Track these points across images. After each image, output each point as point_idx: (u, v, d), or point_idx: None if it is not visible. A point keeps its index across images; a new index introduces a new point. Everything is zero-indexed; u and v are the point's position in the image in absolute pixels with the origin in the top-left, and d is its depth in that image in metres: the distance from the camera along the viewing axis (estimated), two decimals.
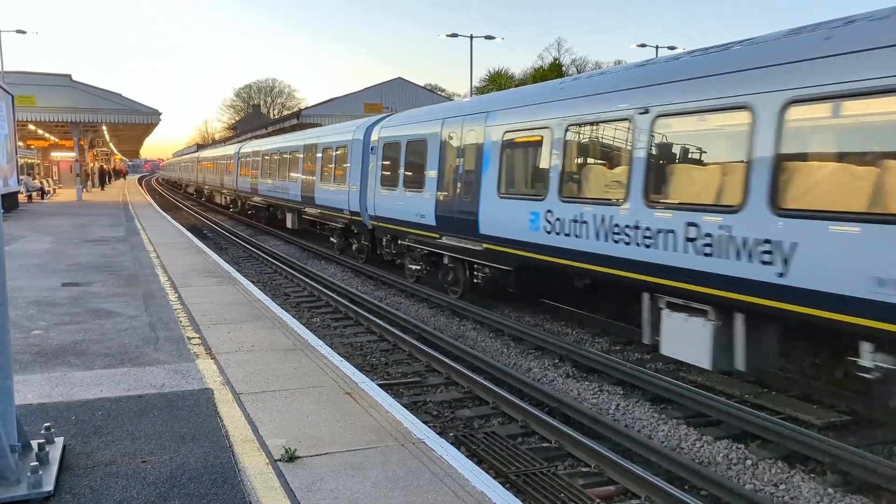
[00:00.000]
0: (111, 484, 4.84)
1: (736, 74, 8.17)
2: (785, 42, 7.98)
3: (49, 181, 53.11)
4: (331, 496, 4.70)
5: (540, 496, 6.29)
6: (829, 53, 7.14)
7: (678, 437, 7.88)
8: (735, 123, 8.16)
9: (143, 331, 9.29)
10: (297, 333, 9.39)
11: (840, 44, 7.11)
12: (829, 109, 7.31)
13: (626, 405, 8.85)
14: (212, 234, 30.50)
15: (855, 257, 6.67)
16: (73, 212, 32.29)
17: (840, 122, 7.35)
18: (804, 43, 7.63)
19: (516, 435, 7.86)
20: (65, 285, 12.73)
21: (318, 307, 14.89)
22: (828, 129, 7.59)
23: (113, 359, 7.94)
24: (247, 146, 38.08)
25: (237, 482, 4.89)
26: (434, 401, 9.04)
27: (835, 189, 7.12)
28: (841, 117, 7.27)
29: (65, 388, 6.87)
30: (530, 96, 12.98)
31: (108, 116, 37.57)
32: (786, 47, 7.86)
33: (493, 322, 12.93)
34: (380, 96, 51.75)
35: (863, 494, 6.51)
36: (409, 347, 11.26)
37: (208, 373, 7.45)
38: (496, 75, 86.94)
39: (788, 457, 7.32)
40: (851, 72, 6.83)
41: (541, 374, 10.26)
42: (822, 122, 7.56)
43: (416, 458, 5.36)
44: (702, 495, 6.47)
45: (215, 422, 6.04)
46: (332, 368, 7.74)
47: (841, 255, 6.80)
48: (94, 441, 5.58)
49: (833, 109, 7.26)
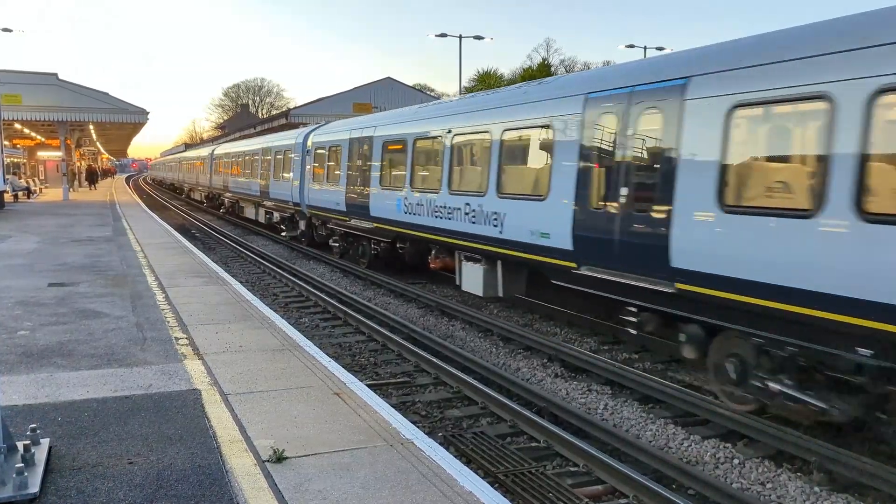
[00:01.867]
0: (97, 485, 4.81)
1: (482, 112, 13.25)
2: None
3: (35, 181, 52.72)
4: (319, 497, 4.69)
5: (528, 496, 6.30)
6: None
7: (666, 436, 7.92)
8: (481, 139, 13.03)
9: (130, 331, 9.24)
10: (286, 334, 9.37)
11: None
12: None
13: (614, 405, 8.88)
14: (200, 233, 30.36)
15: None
16: (59, 211, 32.06)
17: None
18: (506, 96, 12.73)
19: (505, 435, 7.87)
20: (51, 285, 12.64)
21: (306, 307, 14.85)
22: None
23: (100, 359, 7.89)
24: (219, 149, 42.81)
25: (225, 483, 4.87)
26: (423, 401, 9.04)
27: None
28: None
29: (51, 389, 6.82)
30: (399, 116, 17.35)
31: (95, 115, 37.32)
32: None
33: (481, 322, 12.94)
34: (369, 96, 51.63)
35: (848, 492, 6.56)
36: (397, 347, 11.25)
37: (196, 373, 7.42)
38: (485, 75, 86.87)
39: (775, 456, 7.37)
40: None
41: (529, 373, 10.28)
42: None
43: (405, 458, 5.36)
44: (689, 494, 6.51)
45: (203, 423, 6.02)
46: (320, 369, 7.72)
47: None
48: (80, 442, 5.55)
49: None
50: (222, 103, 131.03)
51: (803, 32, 7.51)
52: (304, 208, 23.33)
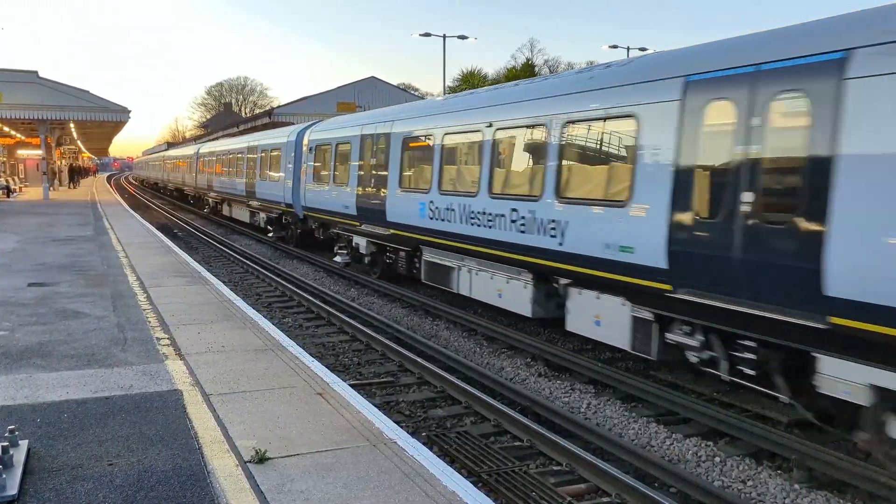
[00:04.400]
0: (77, 487, 4.76)
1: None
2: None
3: (15, 179, 52.09)
4: (301, 497, 4.67)
5: (512, 495, 6.31)
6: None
7: (648, 434, 7.96)
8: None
9: (110, 331, 9.15)
10: (269, 333, 9.32)
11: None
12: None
13: (597, 404, 8.91)
14: (182, 233, 30.14)
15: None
16: (39, 210, 31.70)
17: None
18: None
19: (489, 434, 7.88)
20: (31, 285, 12.50)
21: (289, 307, 14.79)
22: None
23: (80, 360, 7.81)
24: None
25: (206, 484, 4.84)
26: (406, 400, 9.03)
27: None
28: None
29: (30, 390, 6.74)
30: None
31: (76, 114, 36.90)
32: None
33: (465, 321, 12.95)
34: (352, 95, 51.51)
35: (827, 490, 6.63)
36: (381, 347, 11.23)
37: (177, 374, 7.36)
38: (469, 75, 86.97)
39: (756, 454, 7.44)
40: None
41: (513, 373, 10.30)
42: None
43: (388, 458, 5.35)
44: (671, 492, 6.55)
45: (184, 423, 5.97)
46: (303, 369, 7.69)
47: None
48: (59, 444, 5.49)
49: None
50: (205, 102, 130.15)
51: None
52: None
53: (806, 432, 7.67)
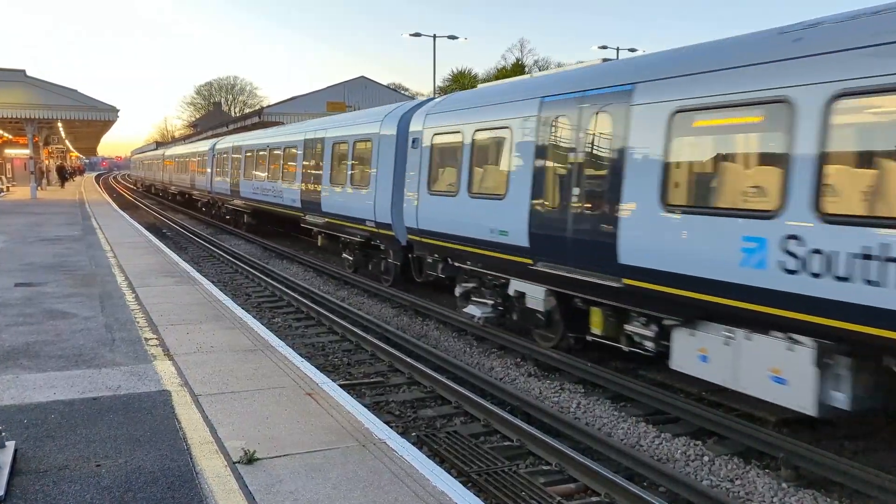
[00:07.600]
0: (64, 489, 4.74)
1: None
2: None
3: (3, 179, 51.72)
4: (290, 498, 4.66)
5: (501, 495, 6.32)
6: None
7: (637, 434, 7.99)
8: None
9: (98, 332, 9.11)
10: (258, 334, 9.30)
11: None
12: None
13: (586, 403, 8.94)
14: (171, 233, 30.02)
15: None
16: (27, 210, 31.49)
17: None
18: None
19: (478, 434, 7.89)
20: (18, 285, 12.41)
21: (279, 307, 14.75)
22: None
23: (67, 361, 7.77)
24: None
25: (195, 485, 4.82)
26: (396, 401, 9.02)
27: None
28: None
29: (17, 391, 6.70)
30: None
31: (64, 113, 36.69)
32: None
33: (455, 321, 12.94)
34: (342, 95, 51.54)
35: (815, 488, 6.67)
36: (371, 347, 11.22)
37: (166, 374, 7.33)
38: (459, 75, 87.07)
39: (744, 453, 7.47)
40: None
41: (503, 373, 10.31)
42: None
43: (377, 458, 5.35)
44: (660, 492, 6.57)
45: (173, 424, 5.95)
46: (292, 369, 7.67)
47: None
48: (46, 445, 5.46)
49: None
50: (194, 101, 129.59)
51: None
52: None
53: (794, 431, 7.71)
